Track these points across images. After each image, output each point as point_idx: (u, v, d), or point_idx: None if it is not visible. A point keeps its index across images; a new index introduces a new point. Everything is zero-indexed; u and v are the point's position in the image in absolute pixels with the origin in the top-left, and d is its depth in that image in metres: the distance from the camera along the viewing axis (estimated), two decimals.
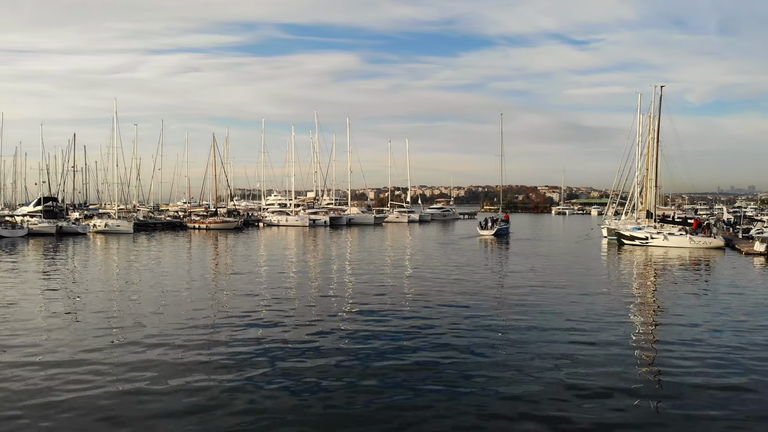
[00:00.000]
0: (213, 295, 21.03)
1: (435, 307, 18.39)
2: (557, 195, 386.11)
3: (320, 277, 26.70)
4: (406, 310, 18.04)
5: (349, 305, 18.78)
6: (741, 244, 37.94)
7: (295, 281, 24.86)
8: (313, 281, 25.15)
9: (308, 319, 16.58)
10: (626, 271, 30.59)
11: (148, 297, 20.66)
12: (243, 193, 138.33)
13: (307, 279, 25.96)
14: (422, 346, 13.59)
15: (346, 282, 24.82)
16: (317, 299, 20.11)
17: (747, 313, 18.07)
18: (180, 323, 15.98)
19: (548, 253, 38.42)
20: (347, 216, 76.38)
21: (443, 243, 46.61)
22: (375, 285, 23.42)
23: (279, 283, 24.09)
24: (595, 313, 17.46)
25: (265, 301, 19.43)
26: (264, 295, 20.71)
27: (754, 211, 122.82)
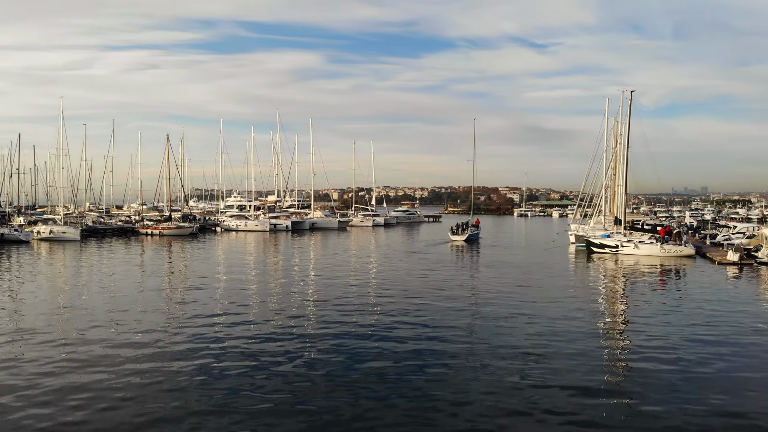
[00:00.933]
0: (166, 315, 18.77)
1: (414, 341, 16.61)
2: (518, 196, 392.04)
3: (278, 295, 24.53)
4: (376, 349, 16.19)
5: (312, 328, 16.87)
6: (712, 253, 37.36)
7: (252, 298, 22.70)
8: (271, 299, 23.00)
9: (262, 344, 14.75)
10: (602, 285, 29.40)
11: (89, 319, 18.57)
12: (202, 194, 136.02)
13: (265, 295, 23.78)
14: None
15: (307, 304, 22.78)
16: (277, 319, 18.10)
17: (735, 328, 17.72)
18: (129, 344, 15.24)
19: (520, 263, 37.12)
20: (310, 220, 73.99)
21: (413, 251, 44.58)
22: (341, 309, 21.45)
23: (233, 300, 21.92)
24: (581, 342, 16.05)
25: (219, 327, 17.34)
26: (218, 321, 18.54)
27: (712, 213, 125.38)
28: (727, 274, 31.87)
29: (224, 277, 29.53)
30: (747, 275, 31.42)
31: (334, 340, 16.33)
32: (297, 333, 17.05)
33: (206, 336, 16.68)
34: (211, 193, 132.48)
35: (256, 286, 26.97)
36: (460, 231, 54.28)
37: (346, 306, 21.41)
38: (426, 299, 22.78)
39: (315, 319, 19.15)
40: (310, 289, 26.02)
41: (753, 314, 20.96)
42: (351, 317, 19.31)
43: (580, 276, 32.08)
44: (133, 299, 22.69)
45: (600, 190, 62.09)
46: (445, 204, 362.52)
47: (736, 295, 25.71)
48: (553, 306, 21.56)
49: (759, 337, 17.45)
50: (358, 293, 24.45)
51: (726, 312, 21.27)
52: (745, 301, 23.99)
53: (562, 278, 30.26)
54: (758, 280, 30.14)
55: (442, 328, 17.81)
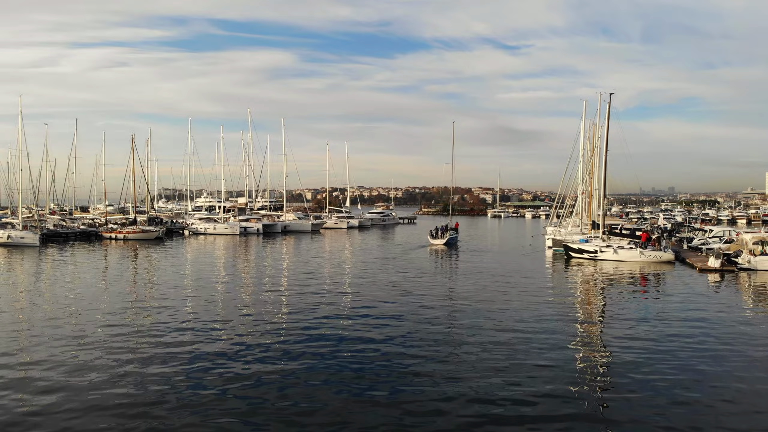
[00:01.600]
0: (129, 329, 17.08)
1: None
2: (491, 197, 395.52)
3: (245, 312, 22.89)
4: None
5: (280, 348, 15.43)
6: (692, 258, 36.82)
7: (217, 312, 21.03)
8: (237, 315, 21.35)
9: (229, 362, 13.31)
10: (583, 294, 28.47)
11: (33, 334, 16.79)
12: (172, 194, 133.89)
13: (231, 310, 22.08)
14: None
15: (276, 321, 21.24)
16: (243, 337, 16.59)
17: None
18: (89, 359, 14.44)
19: (500, 271, 36.02)
20: (282, 223, 71.90)
21: (390, 257, 42.71)
22: (313, 325, 19.98)
23: (197, 315, 20.24)
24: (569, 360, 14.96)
25: (182, 347, 15.73)
26: (183, 339, 16.91)
27: (683, 215, 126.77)
28: (709, 281, 31.28)
29: (188, 288, 27.76)
30: (729, 282, 30.84)
31: (303, 359, 14.98)
32: (262, 355, 15.57)
33: (171, 355, 15.33)
34: (180, 193, 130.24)
35: (221, 298, 25.29)
36: (440, 234, 53.81)
37: (318, 324, 19.96)
38: (405, 320, 21.37)
39: (284, 338, 17.66)
40: (279, 303, 24.46)
41: (739, 323, 20.28)
42: (323, 340, 17.88)
43: (560, 284, 31.11)
44: (86, 314, 20.85)
45: (575, 193, 61.85)
46: (420, 204, 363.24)
47: (720, 303, 24.99)
48: (537, 321, 20.44)
49: (746, 348, 16.87)
50: (330, 309, 22.97)
51: (712, 321, 20.70)
52: (730, 309, 23.32)
53: (542, 288, 29.22)
54: (740, 287, 29.57)
55: (423, 346, 16.52)
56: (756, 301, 26.25)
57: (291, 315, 21.43)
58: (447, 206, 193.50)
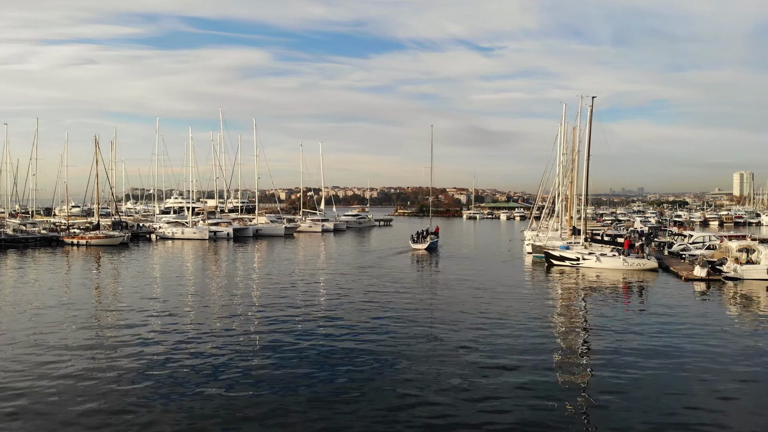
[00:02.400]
0: (82, 346, 15.16)
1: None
2: (465, 197, 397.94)
3: (207, 337, 21.01)
4: None
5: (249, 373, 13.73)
6: (675, 266, 35.90)
7: (177, 334, 19.13)
8: (199, 339, 19.49)
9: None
10: (567, 304, 27.24)
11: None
12: (142, 194, 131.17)
13: (193, 330, 20.21)
14: None
15: (244, 345, 19.44)
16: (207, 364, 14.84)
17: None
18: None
19: (482, 280, 34.60)
20: (254, 227, 69.45)
21: (368, 266, 40.34)
22: (284, 348, 18.25)
23: (154, 335, 18.34)
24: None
25: (141, 375, 13.89)
26: (139, 365, 15.03)
27: (655, 216, 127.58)
28: (695, 291, 30.33)
29: (149, 304, 25.67)
30: (715, 292, 29.91)
31: (272, 383, 13.28)
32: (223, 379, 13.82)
33: (127, 371, 13.43)
34: (150, 194, 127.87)
35: (184, 315, 23.33)
36: (421, 239, 53.14)
37: (290, 347, 18.23)
38: (384, 345, 19.78)
39: (246, 364, 15.90)
40: (246, 323, 22.60)
41: (730, 337, 19.35)
42: (294, 366, 16.17)
43: (544, 297, 29.72)
44: (34, 330, 18.77)
45: (553, 196, 61.20)
46: (395, 205, 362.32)
47: (708, 315, 24.12)
48: (522, 339, 19.01)
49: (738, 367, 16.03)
50: (304, 331, 21.26)
51: (702, 336, 20.05)
52: (718, 322, 22.54)
53: (527, 302, 27.79)
54: (728, 298, 28.66)
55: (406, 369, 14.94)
56: (745, 313, 25.48)
57: (258, 337, 19.65)
58: (423, 207, 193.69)
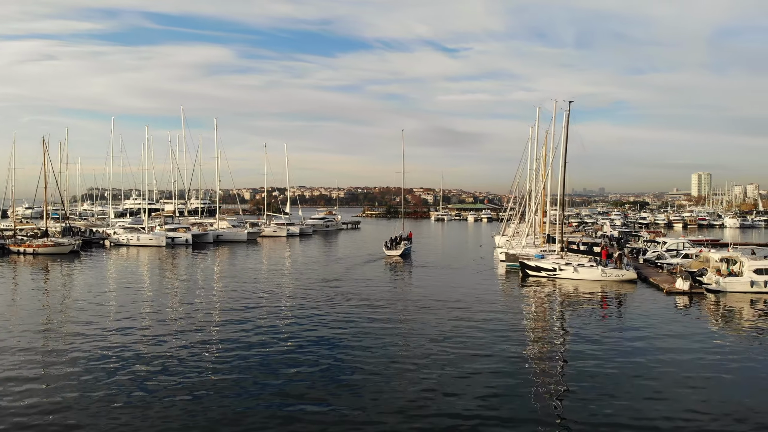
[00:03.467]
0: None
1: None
2: (432, 197, 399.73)
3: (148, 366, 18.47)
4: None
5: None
6: (655, 278, 34.53)
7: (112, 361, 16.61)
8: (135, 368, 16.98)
9: None
10: (547, 321, 25.48)
11: None
12: (101, 193, 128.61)
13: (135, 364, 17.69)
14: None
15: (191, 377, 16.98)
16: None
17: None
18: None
19: (457, 295, 32.69)
20: (214, 232, 65.99)
21: (335, 278, 37.54)
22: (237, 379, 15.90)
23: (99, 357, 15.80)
24: None
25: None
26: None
27: (620, 218, 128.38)
28: (679, 306, 28.97)
29: (92, 324, 22.87)
30: (699, 306, 28.59)
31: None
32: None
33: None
34: (111, 193, 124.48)
35: (127, 337, 20.68)
36: (395, 245, 52.09)
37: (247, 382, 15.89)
38: (356, 374, 17.59)
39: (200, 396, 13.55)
40: (199, 349, 20.07)
41: (725, 361, 17.79)
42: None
43: (522, 314, 27.88)
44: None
45: (523, 197, 60.69)
46: (362, 204, 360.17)
47: (696, 332, 23.00)
48: (503, 379, 17.06)
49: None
50: (261, 363, 18.88)
51: (692, 357, 19.00)
52: (706, 339, 21.38)
53: (505, 320, 25.97)
54: (714, 313, 27.40)
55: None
56: (732, 329, 24.46)
57: (212, 370, 17.21)
58: (391, 208, 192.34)
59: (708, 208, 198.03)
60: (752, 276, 30.65)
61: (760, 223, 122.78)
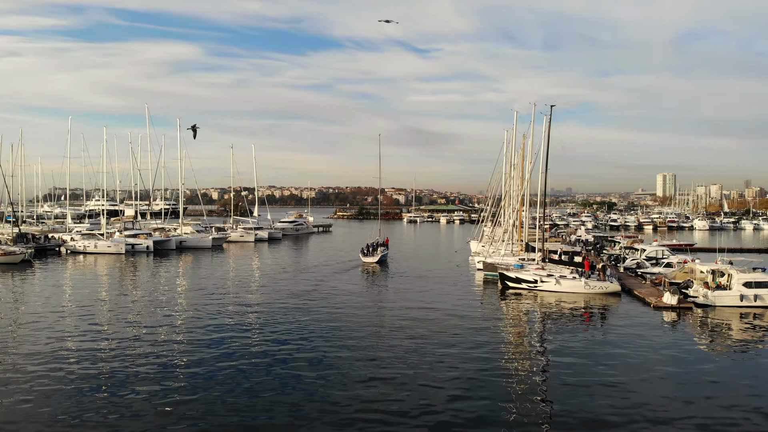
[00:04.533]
0: None
1: None
2: (403, 197, 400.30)
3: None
4: None
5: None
6: (640, 291, 33.11)
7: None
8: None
9: None
10: (531, 339, 23.73)
11: None
12: (64, 193, 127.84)
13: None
14: None
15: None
16: None
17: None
18: None
19: (437, 317, 30.81)
20: (177, 238, 62.71)
21: (308, 290, 35.52)
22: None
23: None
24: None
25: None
26: None
27: (592, 220, 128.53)
28: (667, 322, 27.59)
29: (34, 347, 20.27)
30: (688, 323, 27.24)
31: None
32: None
33: None
34: (74, 193, 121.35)
35: (72, 366, 18.21)
36: (371, 252, 51.31)
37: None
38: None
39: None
40: (152, 378, 17.72)
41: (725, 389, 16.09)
42: None
43: (504, 331, 26.16)
44: None
45: (497, 198, 60.42)
46: (334, 204, 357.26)
47: (693, 355, 21.47)
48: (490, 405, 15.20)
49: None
50: (223, 391, 16.66)
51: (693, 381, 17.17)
52: (709, 364, 19.55)
53: (486, 330, 24.18)
54: (704, 329, 26.06)
55: None
56: (726, 347, 23.43)
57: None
58: (363, 209, 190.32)
59: (675, 209, 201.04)
60: (741, 289, 29.45)
61: (728, 225, 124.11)
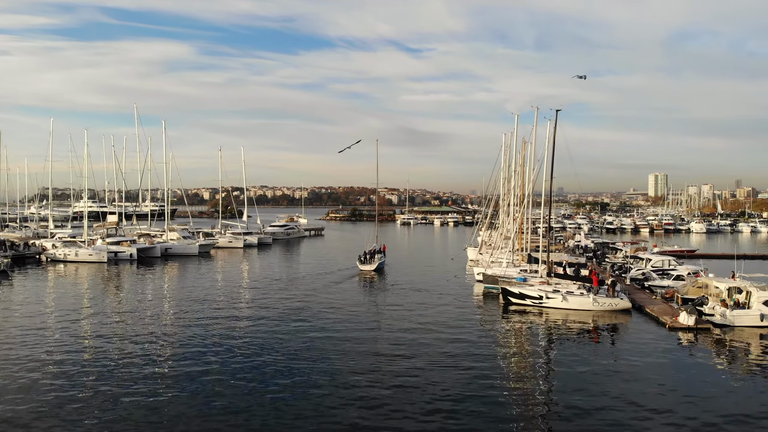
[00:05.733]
0: None
1: None
2: (396, 197, 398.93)
3: None
4: None
5: None
6: (652, 308, 31.02)
7: None
8: None
9: None
10: (542, 362, 21.64)
11: None
12: (54, 193, 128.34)
13: None
14: None
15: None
16: None
17: None
18: None
19: (437, 338, 28.74)
20: (163, 245, 60.16)
21: (298, 308, 33.46)
22: None
23: None
24: None
25: None
26: None
27: (587, 223, 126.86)
28: (684, 344, 25.59)
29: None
30: (708, 346, 25.23)
31: None
32: None
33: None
34: (64, 193, 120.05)
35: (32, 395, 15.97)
36: (368, 260, 50.18)
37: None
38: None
39: None
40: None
41: None
42: None
43: (506, 348, 24.11)
44: None
45: (494, 200, 59.83)
46: (326, 204, 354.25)
47: (720, 386, 19.37)
48: None
49: None
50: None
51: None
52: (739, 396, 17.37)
53: (488, 356, 22.11)
54: (729, 355, 24.02)
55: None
56: (749, 373, 21.61)
57: None
58: (356, 210, 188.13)
59: (669, 210, 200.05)
60: (762, 308, 27.50)
61: (725, 228, 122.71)
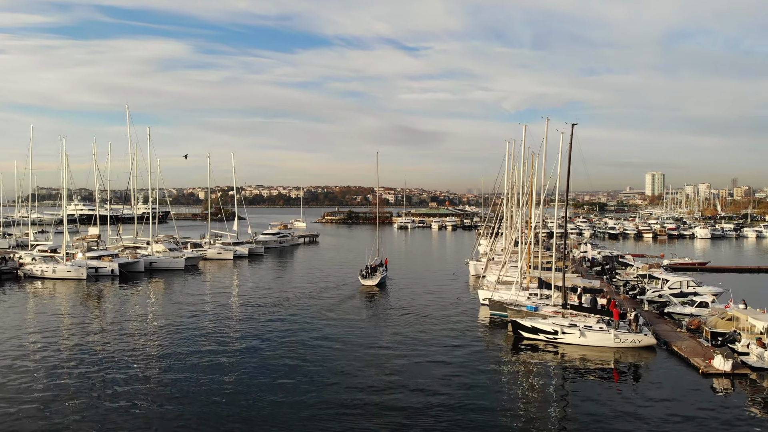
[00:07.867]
0: None
1: None
2: (393, 197, 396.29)
3: None
4: None
5: None
6: (680, 347, 27.87)
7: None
8: None
9: None
10: (560, 412, 18.60)
11: None
12: (48, 193, 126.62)
13: None
14: None
15: None
16: None
17: None
18: None
19: (440, 376, 25.76)
20: (147, 259, 56.85)
21: (288, 339, 30.87)
22: None
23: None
24: None
25: None
26: None
27: (588, 227, 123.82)
28: (721, 394, 22.59)
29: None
30: (749, 398, 22.23)
31: None
32: None
33: None
34: (59, 193, 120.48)
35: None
36: (370, 275, 48.92)
37: None
38: None
39: None
40: None
41: None
42: None
43: (521, 395, 21.08)
44: None
45: (501, 217, 58.31)
46: (323, 204, 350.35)
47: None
48: None
49: None
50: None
51: None
52: None
53: (503, 415, 19.07)
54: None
55: None
56: None
57: None
58: (352, 213, 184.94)
59: (669, 211, 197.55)
60: None
61: (730, 233, 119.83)
